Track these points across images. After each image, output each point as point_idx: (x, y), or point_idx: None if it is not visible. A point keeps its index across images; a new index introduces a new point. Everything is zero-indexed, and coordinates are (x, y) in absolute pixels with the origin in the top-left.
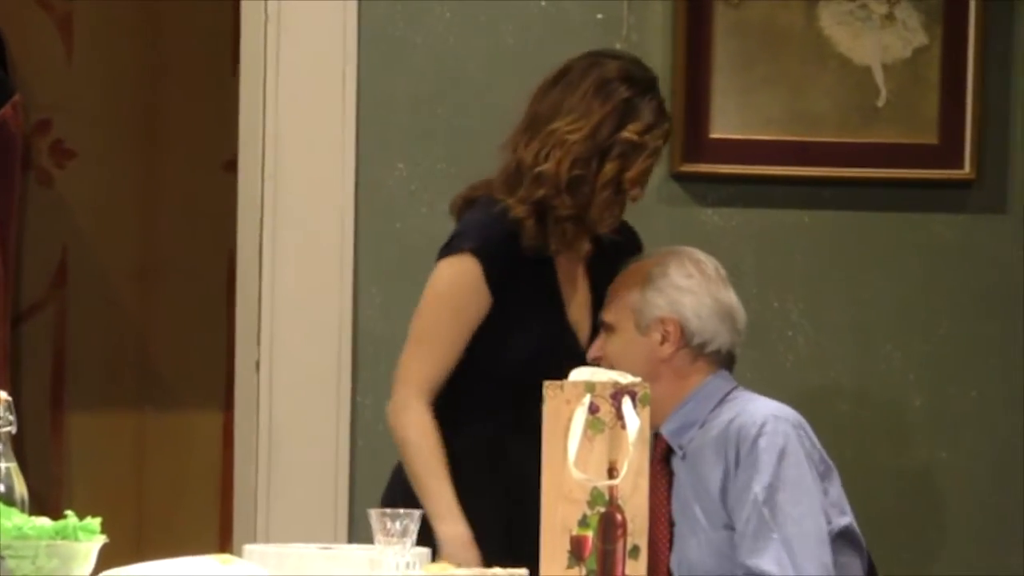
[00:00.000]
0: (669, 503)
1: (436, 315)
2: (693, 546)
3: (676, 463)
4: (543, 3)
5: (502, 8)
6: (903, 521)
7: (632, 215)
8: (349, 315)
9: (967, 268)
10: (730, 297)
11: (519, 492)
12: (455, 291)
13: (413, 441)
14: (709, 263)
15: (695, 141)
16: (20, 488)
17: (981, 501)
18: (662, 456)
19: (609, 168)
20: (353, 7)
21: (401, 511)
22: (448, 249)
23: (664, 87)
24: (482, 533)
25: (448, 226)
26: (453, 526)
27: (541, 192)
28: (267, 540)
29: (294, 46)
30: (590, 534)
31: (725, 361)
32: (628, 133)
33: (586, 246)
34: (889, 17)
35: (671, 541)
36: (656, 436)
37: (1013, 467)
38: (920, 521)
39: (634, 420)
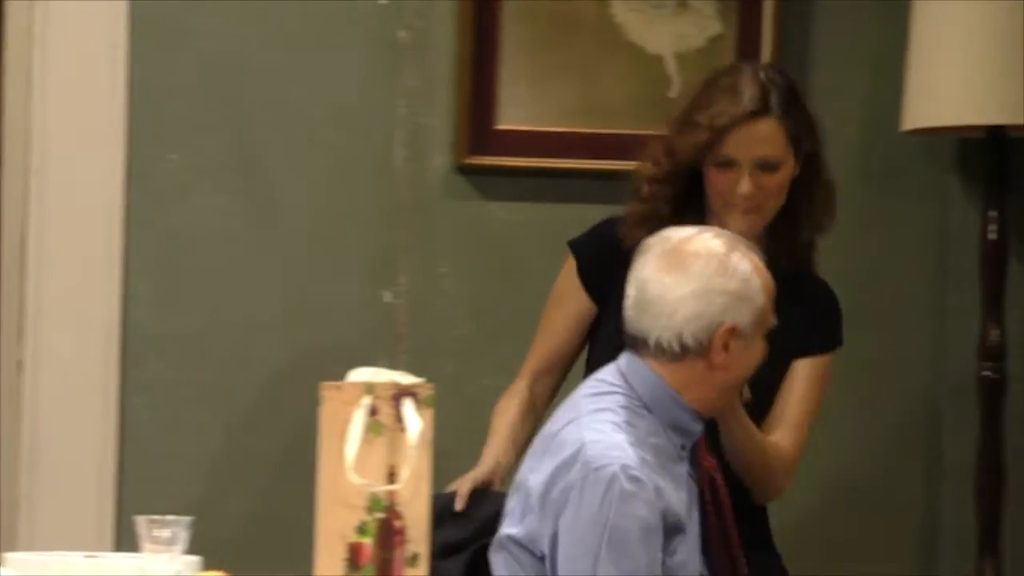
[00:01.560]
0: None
1: (547, 303)
2: None
3: None
4: None
5: None
6: None
7: (415, 210)
8: (117, 312)
9: None
10: None
11: None
12: (557, 281)
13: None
14: None
15: (481, 133)
16: None
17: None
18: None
19: None
20: None
21: (170, 518)
22: None
23: (449, 76)
24: None
25: (223, 217)
26: (476, 469)
27: None
28: (30, 548)
29: (61, 32)
30: (368, 541)
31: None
32: None
33: None
34: (683, 5)
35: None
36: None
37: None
38: None
39: (415, 423)
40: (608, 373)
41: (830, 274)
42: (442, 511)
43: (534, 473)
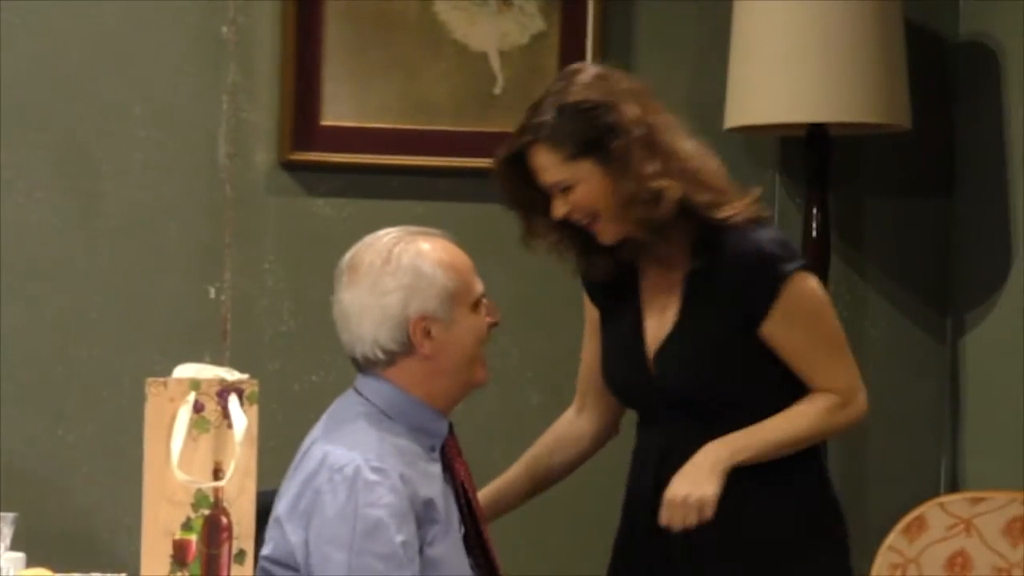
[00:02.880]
0: None
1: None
2: None
3: None
4: None
5: None
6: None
7: (239, 206)
8: None
9: None
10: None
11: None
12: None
13: None
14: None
15: (305, 129)
16: None
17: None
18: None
19: None
20: None
21: None
22: None
23: (273, 73)
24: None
25: (47, 214)
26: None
27: None
28: None
29: None
30: (194, 538)
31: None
32: None
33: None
34: (506, 3)
35: None
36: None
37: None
38: (541, 523)
39: (241, 419)
40: (348, 393)
41: None
42: (267, 509)
43: (282, 498)
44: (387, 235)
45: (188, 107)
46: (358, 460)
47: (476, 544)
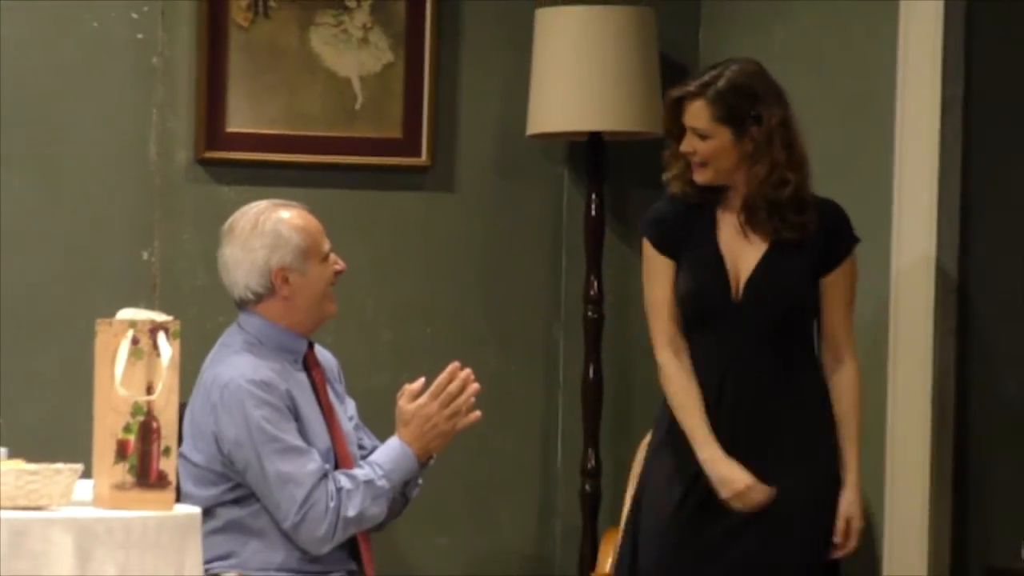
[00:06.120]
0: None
1: (645, 289)
2: None
3: None
4: (95, 24)
5: (61, 27)
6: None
7: (165, 191)
8: None
9: (425, 235)
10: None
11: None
12: (644, 267)
13: (667, 391)
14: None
15: (215, 134)
16: None
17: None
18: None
19: None
20: None
21: None
22: None
23: (190, 92)
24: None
25: (19, 197)
26: (706, 450)
27: None
28: None
29: None
30: (132, 438)
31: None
32: None
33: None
34: (365, 40)
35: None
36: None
37: None
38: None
39: (167, 350)
40: (232, 326)
41: (475, 239)
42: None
43: (189, 419)
44: (256, 206)
45: (126, 117)
46: (241, 379)
47: (327, 427)
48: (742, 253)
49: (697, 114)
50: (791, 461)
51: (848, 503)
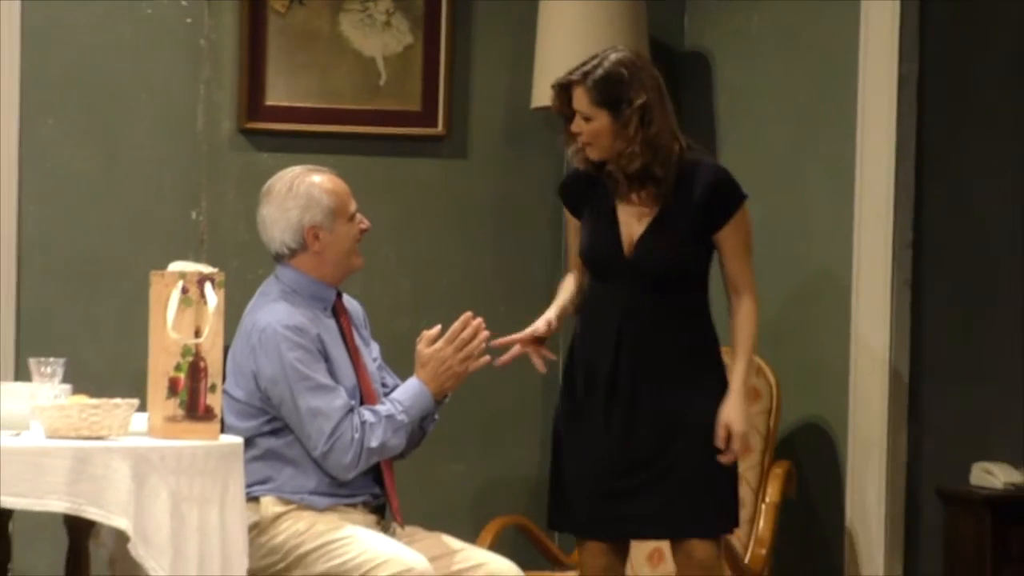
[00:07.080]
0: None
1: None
2: None
3: None
4: (149, 11)
5: (120, 13)
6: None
7: (211, 157)
8: (14, 229)
9: (441, 197)
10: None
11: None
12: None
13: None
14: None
15: (255, 107)
16: None
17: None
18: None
19: None
20: None
21: (51, 359)
22: None
23: (233, 70)
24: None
25: (86, 163)
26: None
27: None
28: None
29: None
30: (182, 376)
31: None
32: None
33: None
34: (388, 24)
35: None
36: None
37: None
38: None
39: (213, 298)
40: (270, 277)
41: (485, 200)
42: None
43: (231, 359)
44: (291, 171)
45: (177, 92)
46: (277, 325)
47: (353, 368)
48: (634, 218)
49: (580, 99)
50: (682, 386)
51: (726, 411)
